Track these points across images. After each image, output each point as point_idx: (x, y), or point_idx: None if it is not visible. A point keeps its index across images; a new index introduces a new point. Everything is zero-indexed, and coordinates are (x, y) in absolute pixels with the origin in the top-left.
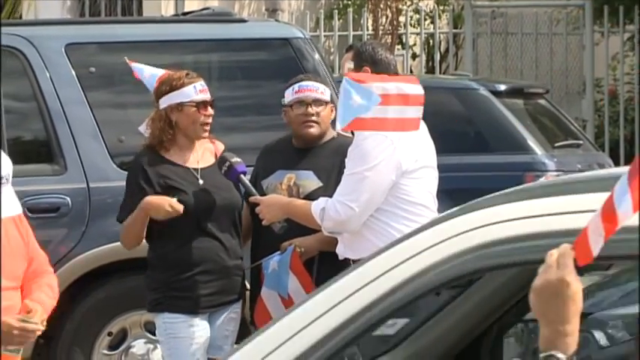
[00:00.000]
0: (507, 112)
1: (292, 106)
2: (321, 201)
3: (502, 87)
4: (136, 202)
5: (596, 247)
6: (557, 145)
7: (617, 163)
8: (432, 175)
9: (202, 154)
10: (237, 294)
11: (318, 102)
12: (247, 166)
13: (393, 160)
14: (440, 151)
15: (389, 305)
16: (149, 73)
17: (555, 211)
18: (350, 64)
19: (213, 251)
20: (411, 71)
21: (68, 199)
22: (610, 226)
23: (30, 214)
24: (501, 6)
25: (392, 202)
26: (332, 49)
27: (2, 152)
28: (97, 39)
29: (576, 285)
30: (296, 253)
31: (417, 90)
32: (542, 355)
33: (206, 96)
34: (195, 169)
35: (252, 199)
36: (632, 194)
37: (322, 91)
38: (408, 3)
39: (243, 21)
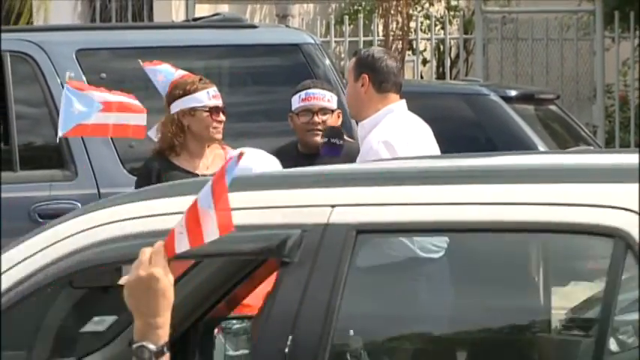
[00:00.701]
0: (518, 118)
1: (299, 113)
2: None
3: (512, 93)
4: None
5: (180, 244)
6: (567, 150)
7: None
8: None
9: (212, 161)
10: None
11: (324, 110)
12: None
13: None
14: None
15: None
16: (162, 76)
17: (168, 212)
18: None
19: None
20: (422, 77)
21: (79, 204)
22: (191, 225)
23: (40, 220)
24: (512, 12)
25: None
26: (342, 55)
27: None
28: (107, 45)
29: (166, 281)
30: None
31: (137, 103)
32: (134, 345)
33: (218, 102)
34: (205, 176)
35: None
36: (215, 194)
37: (329, 99)
38: (419, 9)
39: (253, 27)
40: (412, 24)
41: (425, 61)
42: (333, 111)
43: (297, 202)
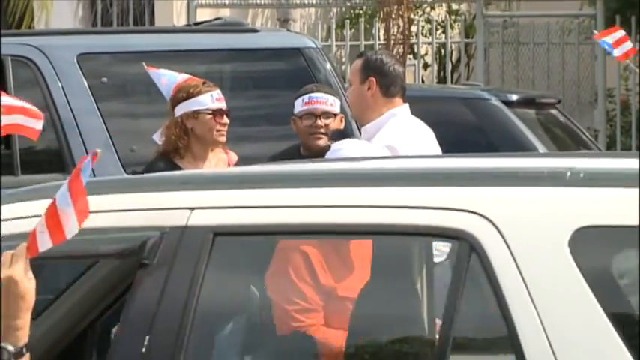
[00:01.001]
0: (519, 122)
1: (302, 117)
2: None
3: (514, 97)
4: None
5: (43, 242)
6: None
7: None
8: None
9: (216, 164)
10: None
11: (327, 114)
12: None
13: None
14: None
15: None
16: (166, 80)
17: (29, 215)
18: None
19: None
20: (423, 81)
21: None
22: (52, 223)
23: None
24: (513, 16)
25: None
26: (344, 59)
27: None
28: (109, 49)
29: (25, 283)
30: None
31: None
32: None
33: (222, 104)
34: None
35: None
36: (72, 193)
37: (332, 103)
38: (420, 13)
39: (255, 31)
40: (413, 28)
41: (426, 66)
42: (335, 115)
43: (158, 205)
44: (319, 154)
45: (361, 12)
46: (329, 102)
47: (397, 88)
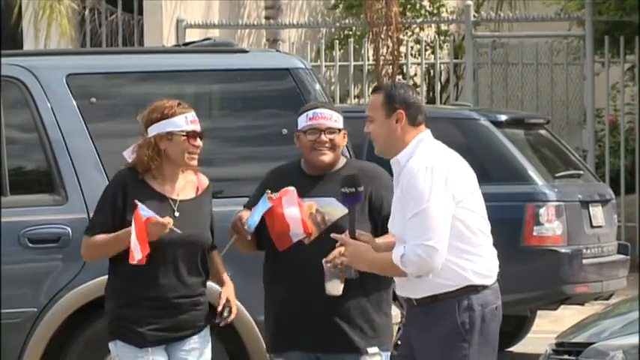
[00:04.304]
0: (508, 143)
1: (306, 132)
2: (399, 249)
3: (503, 117)
4: (103, 220)
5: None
6: (557, 175)
7: (617, 194)
8: (481, 199)
9: (184, 186)
10: (195, 329)
11: (331, 130)
12: (246, 196)
13: (448, 191)
14: None
15: None
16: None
17: None
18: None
19: (169, 287)
20: None
21: (69, 229)
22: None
23: (30, 245)
24: (502, 36)
25: (451, 236)
26: (333, 79)
27: None
28: (98, 69)
29: None
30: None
31: None
32: None
33: (196, 127)
34: (174, 200)
35: (339, 237)
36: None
37: (336, 119)
38: (409, 33)
39: (244, 51)
40: (402, 49)
41: (415, 86)
42: (339, 130)
43: None
44: (322, 169)
45: (350, 33)
46: (333, 118)
47: (422, 116)
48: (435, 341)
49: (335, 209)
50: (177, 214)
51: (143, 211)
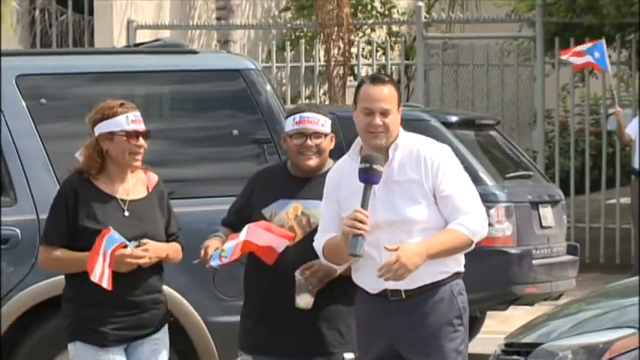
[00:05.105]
0: (458, 144)
1: (292, 136)
2: (459, 223)
3: (453, 118)
4: (58, 227)
5: None
6: (508, 176)
7: (567, 195)
8: None
9: (134, 185)
10: (154, 327)
11: (317, 134)
12: (197, 197)
13: None
14: None
15: None
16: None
17: None
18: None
19: (126, 286)
20: None
21: (18, 230)
22: None
23: None
24: (453, 37)
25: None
26: (284, 80)
27: None
28: (48, 70)
29: None
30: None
31: None
32: None
33: (138, 126)
34: (123, 200)
35: (392, 247)
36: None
37: (323, 123)
38: (360, 34)
39: (194, 52)
40: (354, 49)
41: None
42: (326, 135)
43: None
44: (308, 172)
45: (302, 34)
46: (320, 122)
47: None
48: (436, 329)
49: (320, 212)
50: (127, 213)
51: (116, 236)
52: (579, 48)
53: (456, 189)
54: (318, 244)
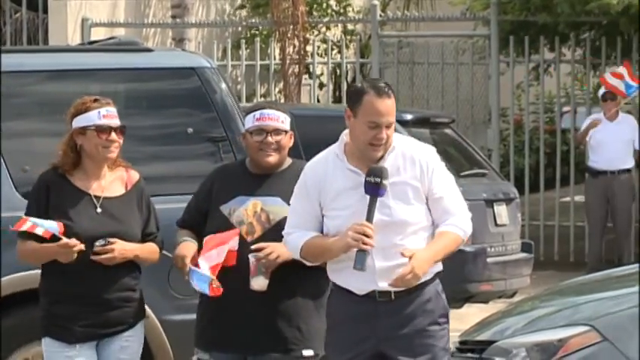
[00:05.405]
0: None
1: (252, 132)
2: (454, 225)
3: (408, 116)
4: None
5: None
6: (462, 174)
7: (522, 193)
8: None
9: (111, 183)
10: (127, 324)
11: (278, 131)
12: (157, 195)
13: None
14: None
15: None
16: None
17: None
18: None
19: (98, 284)
20: (319, 100)
21: None
22: None
23: None
24: (408, 36)
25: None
26: (239, 79)
27: None
28: (2, 68)
29: None
30: (212, 285)
31: None
32: None
33: (111, 121)
34: (97, 197)
35: (407, 252)
36: None
37: (283, 120)
38: (316, 33)
39: (149, 50)
40: (309, 48)
41: (322, 85)
42: (286, 132)
43: None
44: (268, 169)
45: (257, 32)
46: (280, 119)
47: None
48: (424, 328)
49: (280, 208)
50: (99, 210)
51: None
52: (622, 72)
53: (447, 191)
54: (295, 240)
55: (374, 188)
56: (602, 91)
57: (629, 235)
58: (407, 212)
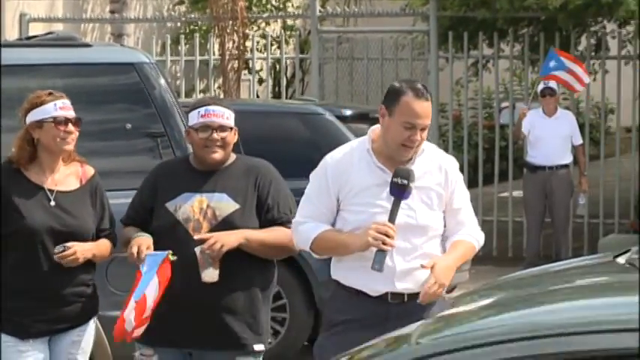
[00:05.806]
0: (353, 137)
1: (197, 129)
2: (470, 235)
3: (348, 112)
4: None
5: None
6: None
7: None
8: None
9: (66, 177)
10: (79, 319)
11: (223, 127)
12: (110, 190)
13: None
14: (286, 175)
15: None
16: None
17: None
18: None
19: (51, 278)
20: (258, 96)
21: None
22: None
23: None
24: (347, 31)
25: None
26: (178, 74)
27: None
28: None
29: None
30: (168, 259)
31: None
32: None
33: (67, 113)
34: (51, 190)
35: (428, 264)
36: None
37: (228, 117)
38: (255, 28)
39: (87, 45)
40: (248, 43)
41: (261, 81)
42: (231, 128)
43: None
44: (212, 166)
45: (196, 27)
46: (225, 115)
47: None
48: None
49: (226, 205)
50: (52, 203)
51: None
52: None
53: (464, 204)
54: (307, 231)
55: (400, 190)
56: (540, 86)
57: (566, 231)
58: (430, 217)
